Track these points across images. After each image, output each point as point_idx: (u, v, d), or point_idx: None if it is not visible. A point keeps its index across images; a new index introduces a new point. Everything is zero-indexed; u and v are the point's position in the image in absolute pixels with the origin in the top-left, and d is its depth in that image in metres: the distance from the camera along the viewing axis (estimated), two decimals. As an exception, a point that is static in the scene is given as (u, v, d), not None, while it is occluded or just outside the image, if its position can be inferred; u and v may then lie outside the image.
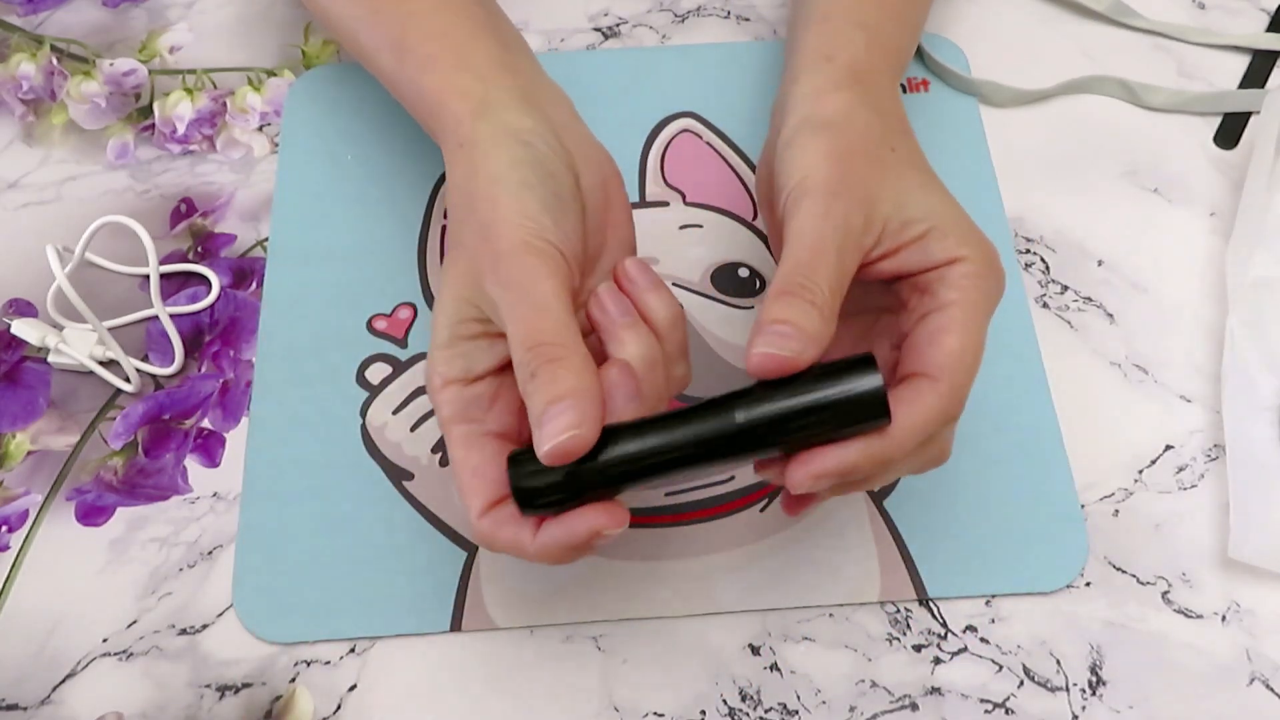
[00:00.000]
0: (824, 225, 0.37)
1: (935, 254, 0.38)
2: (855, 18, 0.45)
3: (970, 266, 0.38)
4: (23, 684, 0.43)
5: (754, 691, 0.43)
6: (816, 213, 0.37)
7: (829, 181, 0.38)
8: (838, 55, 0.43)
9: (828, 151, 0.39)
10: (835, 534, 0.46)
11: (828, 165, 0.39)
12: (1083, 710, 0.43)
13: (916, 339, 0.37)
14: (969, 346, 0.37)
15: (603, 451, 0.34)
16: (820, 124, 0.40)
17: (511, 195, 0.38)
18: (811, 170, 0.39)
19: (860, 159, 0.39)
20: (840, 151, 0.39)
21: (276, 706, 0.43)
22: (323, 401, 0.49)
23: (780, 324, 0.35)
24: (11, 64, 0.56)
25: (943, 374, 0.36)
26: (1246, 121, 0.57)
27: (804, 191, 0.38)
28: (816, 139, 0.40)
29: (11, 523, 0.47)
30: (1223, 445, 0.48)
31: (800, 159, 0.39)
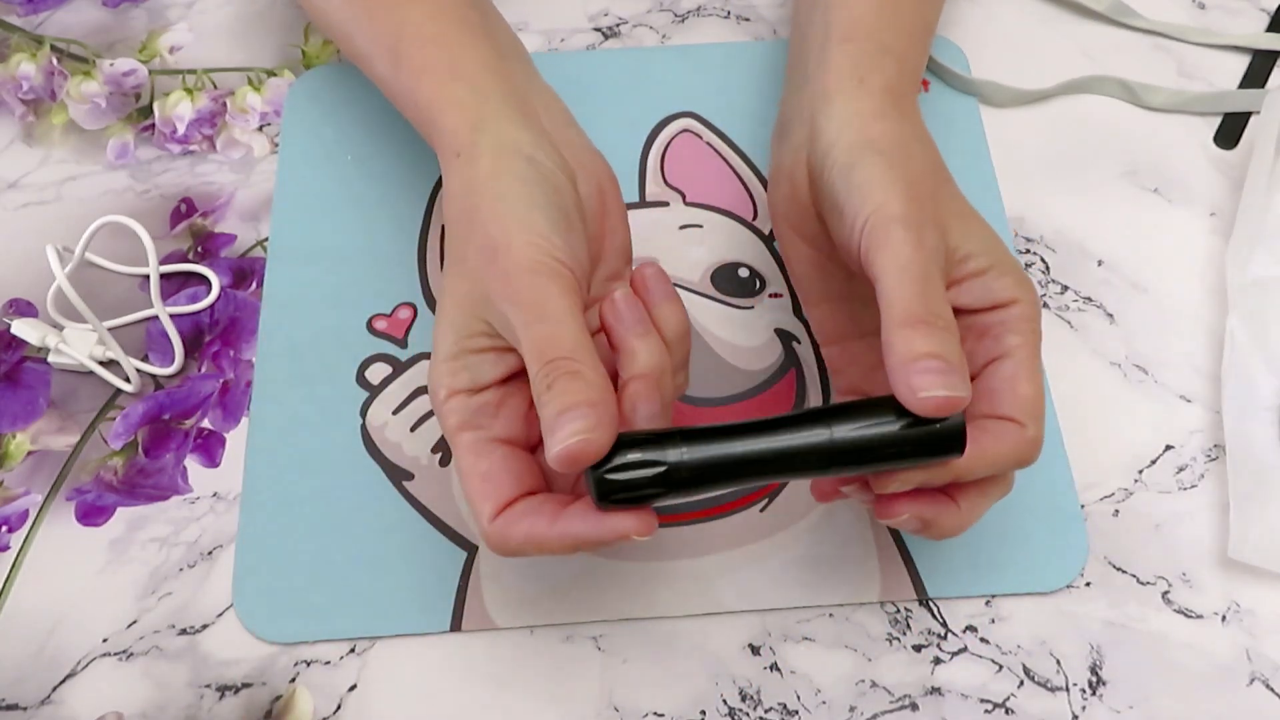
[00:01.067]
0: (923, 255, 0.37)
1: (997, 292, 0.38)
2: (880, 41, 0.45)
3: (1028, 309, 0.38)
4: (23, 684, 0.43)
5: (754, 691, 0.43)
6: (913, 243, 0.37)
7: (910, 210, 0.38)
8: (870, 79, 0.43)
9: (898, 179, 0.39)
10: (835, 534, 0.46)
11: (904, 193, 0.38)
12: (1083, 710, 0.43)
13: (992, 384, 0.38)
14: (1039, 392, 0.38)
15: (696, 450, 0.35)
16: (879, 151, 0.40)
17: (519, 215, 0.38)
18: (889, 197, 0.38)
19: (924, 189, 0.39)
20: (909, 180, 0.39)
21: (276, 706, 0.43)
22: (323, 401, 0.49)
23: (934, 359, 0.35)
24: (11, 64, 0.56)
25: (1029, 420, 0.37)
26: (1246, 121, 0.57)
27: (890, 219, 0.38)
28: (882, 166, 0.39)
29: (11, 523, 0.47)
30: (1223, 445, 0.48)
31: (872, 186, 0.39)
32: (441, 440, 0.48)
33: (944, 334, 0.35)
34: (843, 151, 0.41)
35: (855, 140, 0.41)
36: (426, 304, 0.51)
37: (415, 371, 0.50)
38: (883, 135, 0.41)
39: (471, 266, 0.39)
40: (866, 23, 0.45)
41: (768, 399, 0.49)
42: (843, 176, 0.40)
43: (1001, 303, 0.38)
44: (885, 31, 0.45)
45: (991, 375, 0.38)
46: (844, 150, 0.41)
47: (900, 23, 0.46)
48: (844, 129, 0.41)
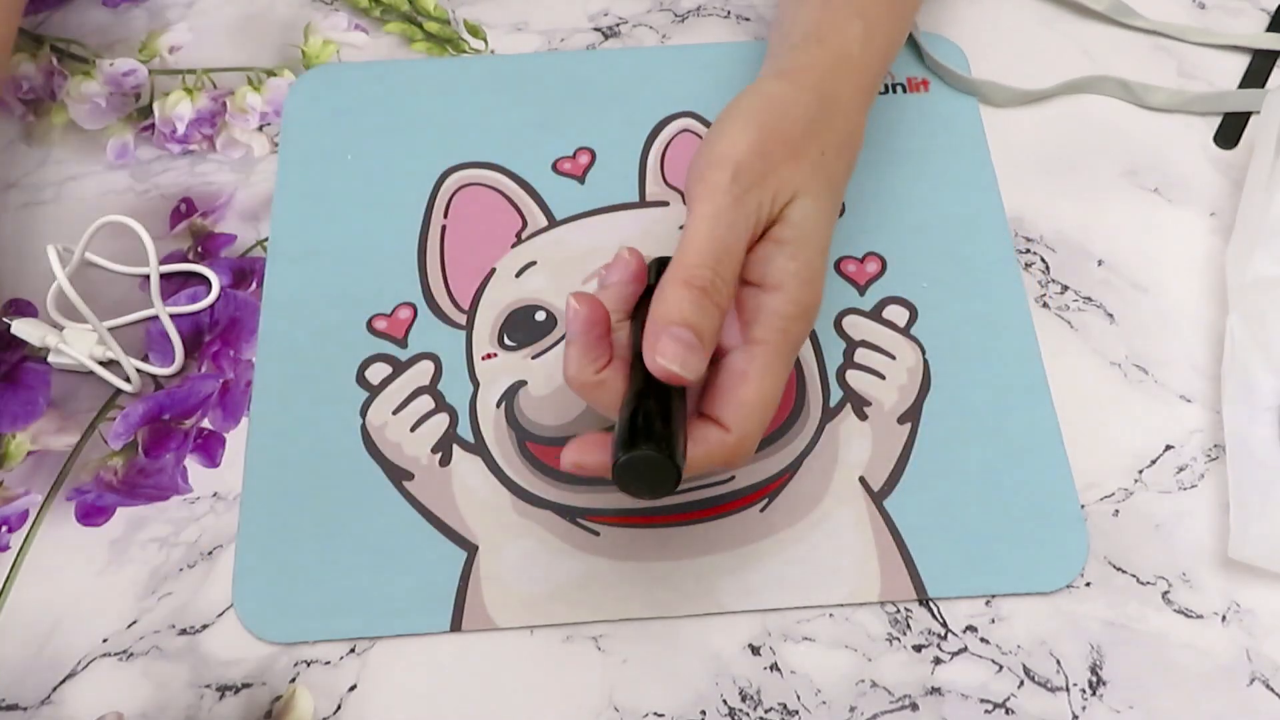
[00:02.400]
0: (737, 215, 0.37)
1: (773, 270, 0.38)
2: (856, 6, 0.44)
3: (788, 306, 0.38)
4: (23, 684, 0.43)
5: (754, 691, 0.43)
6: (733, 194, 0.37)
7: (749, 161, 0.38)
8: (829, 39, 0.43)
9: (754, 126, 0.39)
10: (835, 534, 0.46)
11: (754, 142, 0.38)
12: (1083, 710, 0.43)
13: (720, 378, 0.38)
14: (764, 400, 0.38)
15: None
16: (767, 93, 0.40)
17: None
18: (737, 142, 0.38)
19: (785, 144, 0.39)
20: (771, 130, 0.39)
21: (276, 706, 0.43)
22: (323, 401, 0.49)
23: (687, 329, 0.36)
24: (12, 64, 0.56)
25: (735, 425, 0.37)
26: (1246, 121, 0.57)
27: (722, 161, 0.38)
28: (755, 108, 0.39)
29: (11, 523, 0.47)
30: (1223, 445, 0.48)
31: (726, 125, 0.39)
32: (442, 440, 0.48)
33: (710, 307, 0.36)
34: (746, 91, 0.41)
35: (758, 81, 0.41)
36: (426, 304, 0.51)
37: (415, 371, 0.50)
38: (788, 83, 0.41)
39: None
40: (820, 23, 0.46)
41: (768, 399, 0.49)
42: (722, 114, 0.40)
43: (769, 282, 0.38)
44: (825, 25, 0.45)
45: (723, 366, 0.38)
46: (747, 90, 0.41)
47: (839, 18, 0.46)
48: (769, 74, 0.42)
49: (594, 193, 0.54)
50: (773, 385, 0.38)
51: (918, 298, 0.51)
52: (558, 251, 0.53)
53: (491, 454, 0.48)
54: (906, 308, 0.51)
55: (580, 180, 0.55)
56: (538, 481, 0.47)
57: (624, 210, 0.54)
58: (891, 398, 0.49)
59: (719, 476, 0.47)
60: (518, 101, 0.57)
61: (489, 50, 0.60)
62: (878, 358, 0.50)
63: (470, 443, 0.48)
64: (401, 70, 0.58)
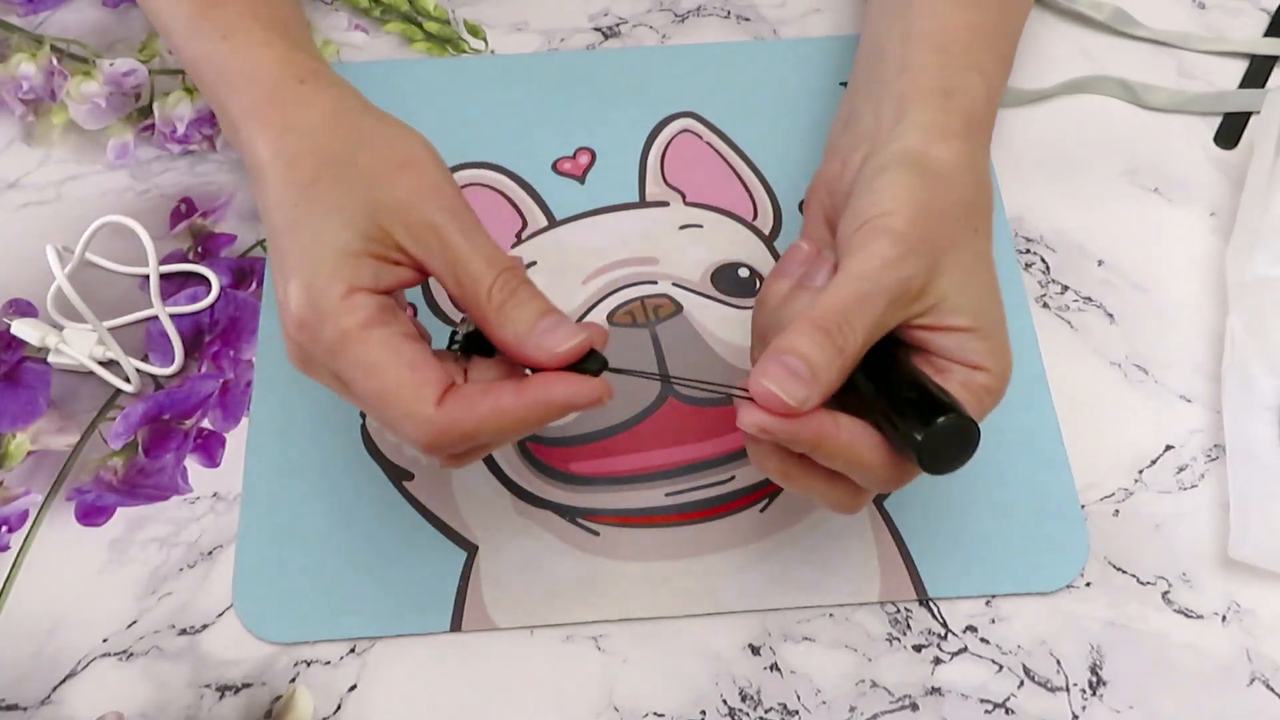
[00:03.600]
0: (887, 275, 0.37)
1: (967, 354, 0.38)
2: (972, 59, 0.44)
3: (988, 380, 0.38)
4: (23, 684, 0.43)
5: (754, 691, 0.43)
6: (887, 259, 0.37)
7: (911, 232, 0.37)
8: (956, 94, 0.42)
9: (921, 201, 0.38)
10: (835, 534, 0.46)
11: (915, 214, 0.38)
12: (1083, 710, 0.43)
13: None
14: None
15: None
16: (924, 167, 0.40)
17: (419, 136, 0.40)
18: (898, 210, 0.38)
19: (947, 224, 0.39)
20: (932, 206, 0.39)
21: (276, 706, 0.43)
22: (323, 401, 0.49)
23: (798, 359, 0.35)
24: (11, 64, 0.56)
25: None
26: (1246, 121, 0.57)
27: (883, 230, 0.37)
28: (914, 181, 0.39)
29: (11, 523, 0.47)
30: (1223, 445, 0.48)
31: (891, 192, 0.39)
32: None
33: (833, 348, 0.35)
34: (891, 155, 0.40)
35: (908, 149, 0.40)
36: (426, 304, 0.51)
37: (415, 371, 0.50)
38: (941, 156, 0.40)
39: (368, 172, 0.38)
40: (960, 37, 0.45)
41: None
42: (873, 175, 0.40)
43: (965, 363, 0.38)
44: (978, 50, 0.45)
45: None
46: (892, 154, 0.40)
47: (992, 46, 0.46)
48: (908, 135, 0.41)
49: (594, 193, 0.54)
50: None
51: (918, 298, 0.51)
52: (558, 251, 0.53)
53: (491, 454, 0.48)
54: (906, 308, 0.51)
55: (580, 180, 0.55)
56: (538, 481, 0.47)
57: (624, 210, 0.54)
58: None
59: (719, 476, 0.47)
60: (518, 101, 0.57)
61: (489, 50, 0.60)
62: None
63: (470, 443, 0.48)
64: (401, 70, 0.58)
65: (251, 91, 0.42)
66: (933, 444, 0.34)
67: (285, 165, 0.39)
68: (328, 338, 0.36)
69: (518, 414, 0.36)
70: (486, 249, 0.37)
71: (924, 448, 0.34)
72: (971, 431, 0.34)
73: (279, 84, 0.41)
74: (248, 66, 0.42)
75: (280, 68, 0.42)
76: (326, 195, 0.38)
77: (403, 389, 0.36)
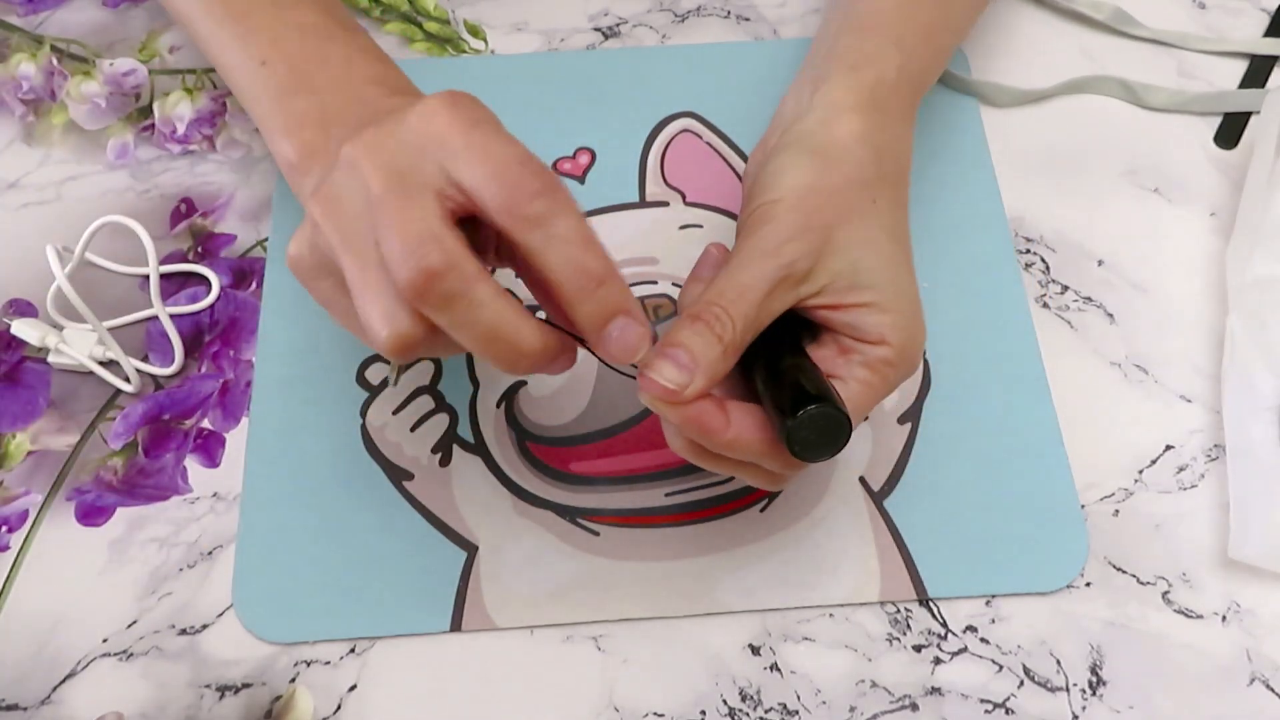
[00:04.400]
0: (767, 264, 0.38)
1: (866, 329, 0.39)
2: (893, 34, 0.45)
3: (889, 354, 0.39)
4: (23, 684, 0.43)
5: (754, 691, 0.43)
6: (767, 247, 0.38)
7: (793, 217, 0.39)
8: (864, 68, 0.43)
9: (808, 183, 0.39)
10: (835, 534, 0.46)
11: (801, 196, 0.39)
12: (1083, 710, 0.43)
13: None
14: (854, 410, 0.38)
15: None
16: (815, 147, 0.41)
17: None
18: (784, 196, 0.39)
19: (837, 201, 0.39)
20: (820, 186, 0.39)
21: (276, 706, 0.43)
22: (323, 401, 0.49)
23: (681, 350, 0.36)
24: (11, 64, 0.56)
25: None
26: (1246, 121, 0.57)
27: (765, 217, 0.39)
28: (803, 163, 0.40)
29: (11, 523, 0.47)
30: (1223, 445, 0.48)
31: (778, 178, 0.40)
32: (442, 440, 0.48)
33: (712, 336, 0.36)
34: (789, 138, 0.41)
35: (804, 130, 0.41)
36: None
37: (415, 372, 0.50)
38: (833, 134, 0.41)
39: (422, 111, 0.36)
40: (885, 15, 0.46)
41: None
42: (769, 159, 0.41)
43: (865, 338, 0.39)
44: (902, 25, 0.45)
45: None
46: (790, 137, 0.41)
47: (914, 16, 0.46)
48: (809, 115, 0.42)
49: (594, 193, 0.54)
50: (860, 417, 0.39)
51: (918, 298, 0.51)
52: (558, 251, 0.53)
53: (491, 454, 0.48)
54: (906, 308, 0.51)
55: (580, 180, 0.55)
56: (538, 481, 0.47)
57: (624, 210, 0.54)
58: (891, 398, 0.49)
59: (719, 476, 0.47)
60: (518, 101, 0.57)
61: (489, 50, 0.60)
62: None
63: (470, 443, 0.48)
64: (401, 70, 0.58)
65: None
66: (800, 433, 0.35)
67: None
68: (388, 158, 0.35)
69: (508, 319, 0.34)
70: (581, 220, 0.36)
71: (791, 436, 0.35)
72: (835, 420, 0.35)
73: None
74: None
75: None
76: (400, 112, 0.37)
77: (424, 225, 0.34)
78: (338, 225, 0.35)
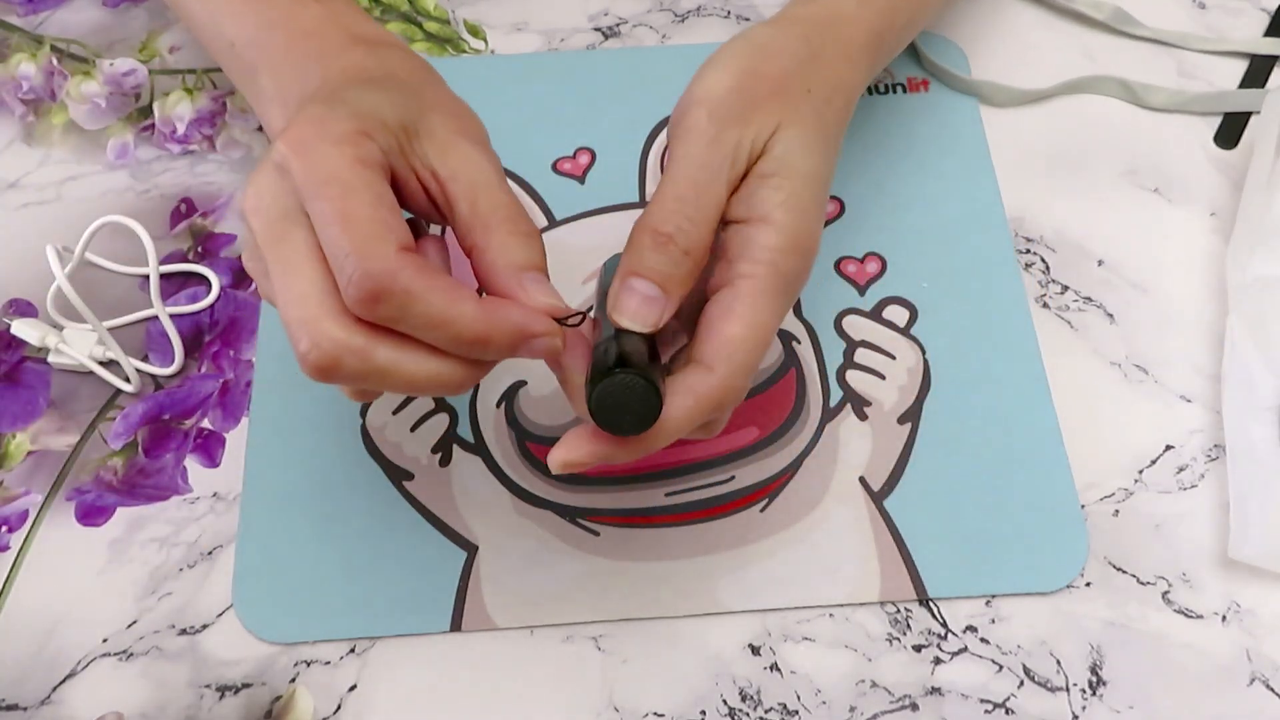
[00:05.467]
0: (711, 156, 0.36)
1: (756, 206, 0.36)
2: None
3: (773, 237, 0.36)
4: (23, 684, 0.43)
5: (754, 691, 0.43)
6: (706, 139, 0.36)
7: (729, 104, 0.36)
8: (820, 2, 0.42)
9: (738, 67, 0.38)
10: (835, 534, 0.46)
11: (734, 80, 0.37)
12: (1083, 710, 0.43)
13: (706, 317, 0.36)
14: (751, 336, 0.35)
15: None
16: (749, 37, 0.39)
17: None
18: (717, 82, 0.37)
19: (766, 82, 0.38)
20: (752, 70, 0.38)
21: (276, 706, 0.43)
22: (323, 401, 0.49)
23: (646, 280, 0.34)
24: (11, 64, 0.56)
25: (717, 364, 0.35)
26: (1246, 121, 0.57)
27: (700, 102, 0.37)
28: (732, 52, 0.39)
29: (11, 523, 0.47)
30: (1223, 445, 0.48)
31: (710, 68, 0.38)
32: (441, 440, 0.48)
33: (676, 253, 0.35)
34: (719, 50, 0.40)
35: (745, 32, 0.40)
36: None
37: (415, 371, 0.50)
38: (773, 29, 0.40)
39: (423, 94, 0.37)
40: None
41: (768, 398, 0.49)
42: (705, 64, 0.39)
43: (752, 217, 0.36)
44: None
45: (709, 308, 0.36)
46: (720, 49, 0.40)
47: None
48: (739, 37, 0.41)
49: (594, 193, 0.54)
50: (760, 321, 0.35)
51: (918, 298, 0.51)
52: (558, 251, 0.52)
53: (491, 454, 0.48)
54: (906, 308, 0.51)
55: (580, 180, 0.55)
56: (538, 481, 0.47)
57: (624, 210, 0.54)
58: (891, 398, 0.49)
59: (719, 476, 0.47)
60: (518, 101, 0.57)
61: (489, 50, 0.60)
62: (878, 358, 0.50)
63: (470, 443, 0.48)
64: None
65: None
66: (606, 399, 0.33)
67: (340, 71, 0.38)
68: (317, 159, 0.32)
69: (466, 312, 0.32)
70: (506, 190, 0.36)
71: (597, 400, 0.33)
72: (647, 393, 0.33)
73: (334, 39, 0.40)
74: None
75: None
76: (377, 82, 0.36)
77: (374, 221, 0.32)
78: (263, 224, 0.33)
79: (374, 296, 0.31)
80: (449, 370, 0.33)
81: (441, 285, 0.32)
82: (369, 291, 0.31)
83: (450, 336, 0.32)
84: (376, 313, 0.31)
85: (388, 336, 0.32)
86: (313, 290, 0.32)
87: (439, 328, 0.32)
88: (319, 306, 0.32)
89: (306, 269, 0.32)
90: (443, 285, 0.32)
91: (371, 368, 0.32)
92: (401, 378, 0.32)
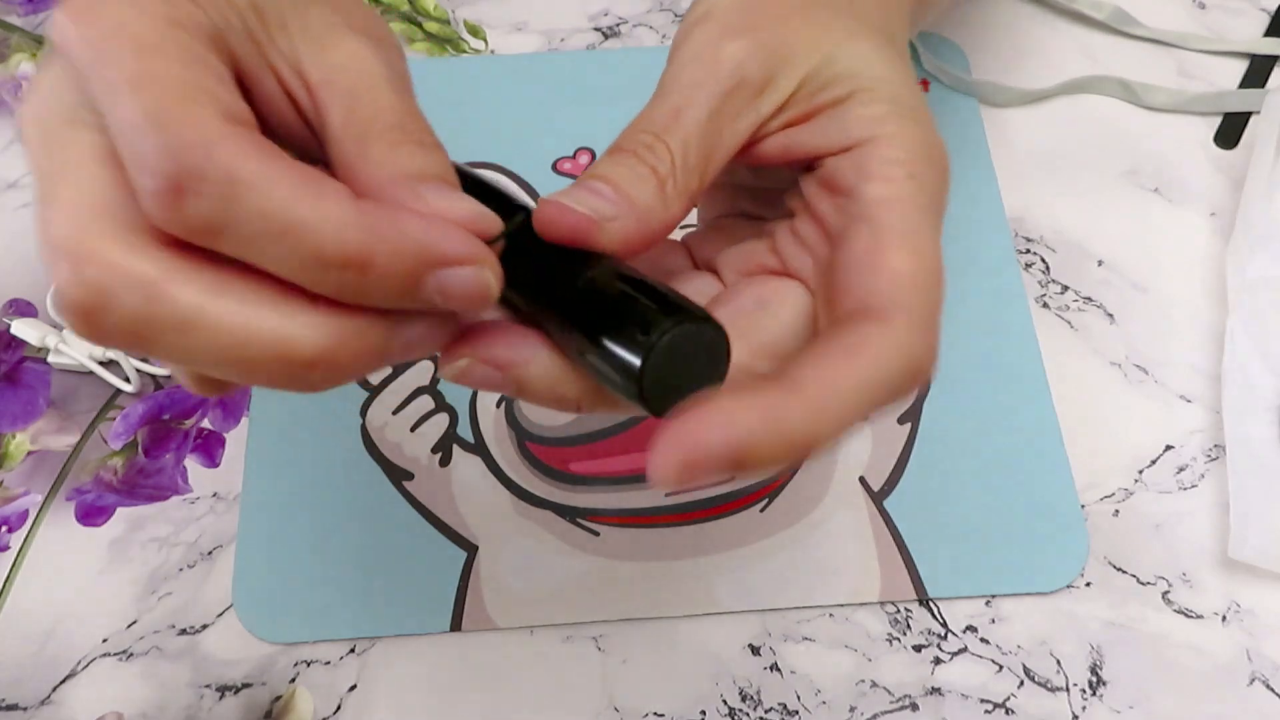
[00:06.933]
0: (706, 72, 0.28)
1: (852, 129, 0.27)
2: None
3: (895, 149, 0.27)
4: (23, 684, 0.43)
5: (754, 691, 0.43)
6: (700, 53, 0.28)
7: (730, 12, 0.28)
8: None
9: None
10: (835, 534, 0.46)
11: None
12: (1083, 710, 0.43)
13: (843, 271, 0.26)
14: (923, 269, 0.26)
15: None
16: None
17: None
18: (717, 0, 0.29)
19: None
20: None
21: (276, 706, 0.43)
22: (323, 401, 0.49)
23: (598, 180, 0.26)
24: (11, 64, 0.56)
25: (894, 308, 0.25)
26: (1246, 121, 0.57)
27: (695, 20, 0.29)
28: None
29: (11, 523, 0.47)
30: (1223, 445, 0.48)
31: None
32: (442, 440, 0.48)
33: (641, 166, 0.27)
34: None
35: None
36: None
37: (415, 372, 0.50)
38: None
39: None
40: None
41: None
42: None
43: (855, 141, 0.27)
44: None
45: (842, 258, 0.26)
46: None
47: None
48: None
49: (594, 193, 0.54)
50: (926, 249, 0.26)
51: (918, 298, 0.51)
52: (558, 251, 0.53)
53: (491, 454, 0.48)
54: (906, 308, 0.51)
55: (580, 180, 0.55)
56: (538, 481, 0.47)
57: (624, 210, 0.54)
58: (891, 398, 0.49)
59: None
60: (518, 101, 0.57)
61: (489, 50, 0.60)
62: (878, 358, 0.50)
63: (470, 443, 0.48)
64: None
65: None
66: (655, 373, 0.23)
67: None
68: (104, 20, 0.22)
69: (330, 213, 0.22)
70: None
71: (645, 380, 0.23)
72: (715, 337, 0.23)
73: None
74: None
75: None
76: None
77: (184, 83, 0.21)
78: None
79: (178, 185, 0.21)
80: (298, 329, 0.23)
81: (290, 172, 0.21)
82: (170, 177, 0.21)
83: (305, 255, 0.21)
84: (184, 214, 0.21)
85: (201, 268, 0.22)
86: (85, 200, 0.22)
87: (285, 238, 0.21)
88: (93, 220, 0.21)
89: (82, 173, 0.22)
90: (292, 172, 0.21)
91: (166, 315, 0.21)
92: (219, 337, 0.22)
